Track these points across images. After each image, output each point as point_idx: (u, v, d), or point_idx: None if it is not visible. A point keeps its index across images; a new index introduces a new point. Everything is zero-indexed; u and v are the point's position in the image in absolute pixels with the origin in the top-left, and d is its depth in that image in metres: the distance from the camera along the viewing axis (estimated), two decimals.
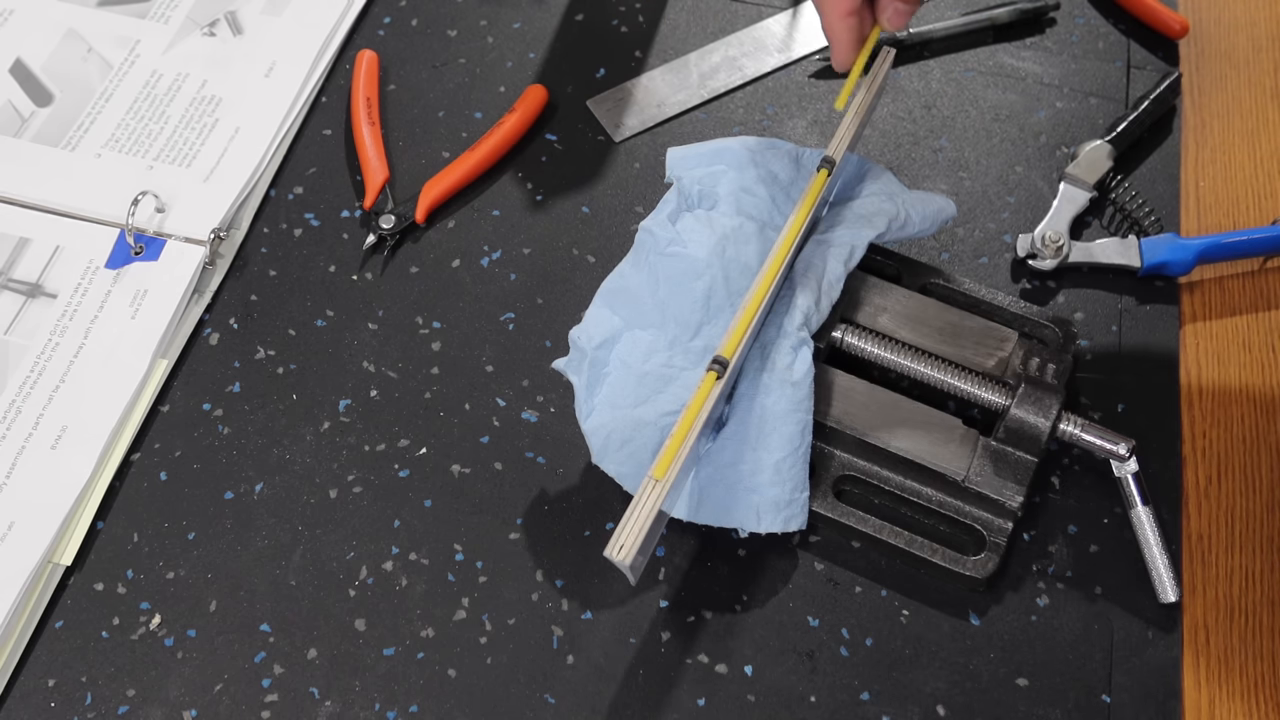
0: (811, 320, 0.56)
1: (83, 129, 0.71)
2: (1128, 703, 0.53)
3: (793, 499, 0.54)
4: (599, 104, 0.72)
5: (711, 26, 0.75)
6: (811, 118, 0.71)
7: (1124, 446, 0.55)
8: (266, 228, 0.68)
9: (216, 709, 0.54)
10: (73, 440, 0.60)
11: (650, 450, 0.54)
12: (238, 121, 0.71)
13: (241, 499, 0.59)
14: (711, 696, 0.54)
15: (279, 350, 0.63)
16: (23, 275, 0.66)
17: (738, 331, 0.53)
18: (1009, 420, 0.55)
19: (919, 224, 0.60)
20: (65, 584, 0.57)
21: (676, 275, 0.56)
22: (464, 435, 0.61)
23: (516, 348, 0.63)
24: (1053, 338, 0.60)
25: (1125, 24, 0.74)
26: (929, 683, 0.54)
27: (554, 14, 0.76)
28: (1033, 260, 0.64)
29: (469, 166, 0.68)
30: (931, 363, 0.57)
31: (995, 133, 0.70)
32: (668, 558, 0.57)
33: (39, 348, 0.63)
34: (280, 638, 0.55)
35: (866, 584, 0.56)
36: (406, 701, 0.54)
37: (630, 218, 0.67)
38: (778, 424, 0.54)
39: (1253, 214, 0.67)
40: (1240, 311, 0.64)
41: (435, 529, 0.58)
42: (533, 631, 0.55)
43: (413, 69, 0.74)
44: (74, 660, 0.55)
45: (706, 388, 0.51)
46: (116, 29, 0.75)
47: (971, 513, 0.56)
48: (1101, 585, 0.56)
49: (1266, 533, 0.58)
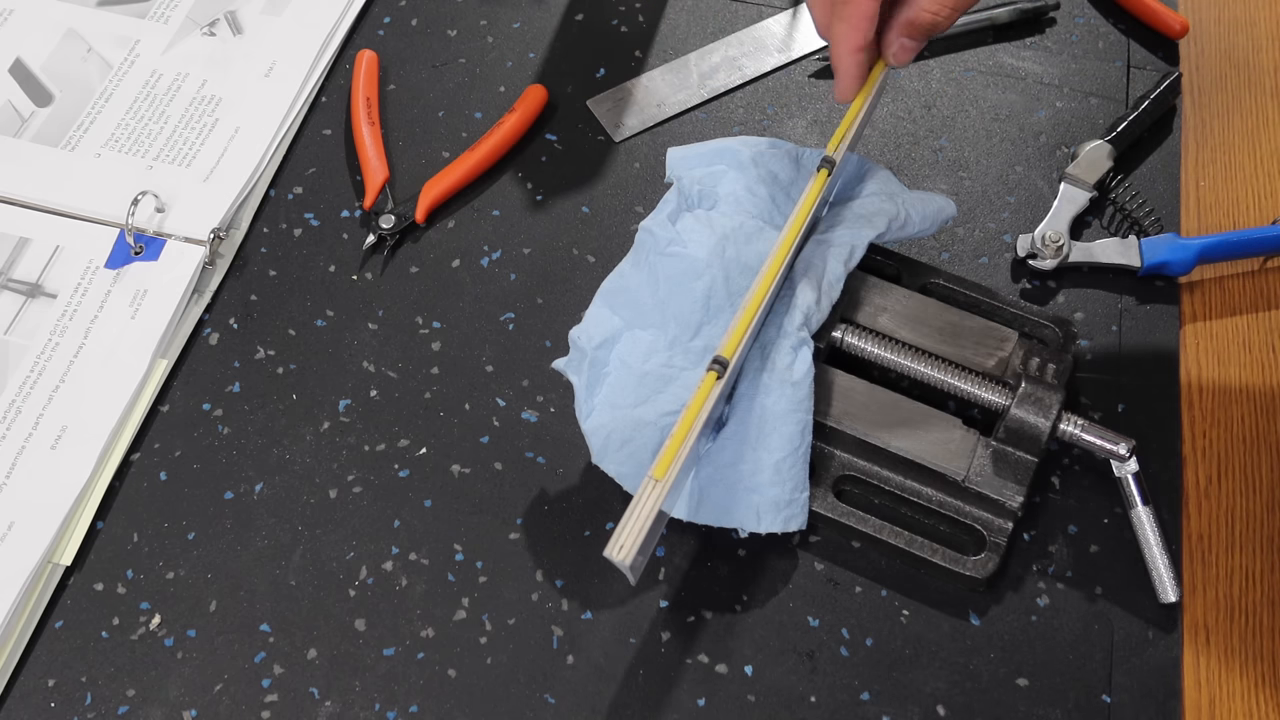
0: (811, 320, 0.56)
1: (82, 129, 0.71)
2: (1128, 703, 0.53)
3: (793, 499, 0.54)
4: (599, 104, 0.72)
5: (711, 26, 0.75)
6: (811, 118, 0.71)
7: (1124, 446, 0.55)
8: (266, 228, 0.68)
9: (216, 709, 0.54)
10: (73, 440, 0.60)
11: (650, 450, 0.54)
12: (238, 121, 0.71)
13: (241, 499, 0.59)
14: (711, 696, 0.54)
15: (279, 350, 0.63)
16: (23, 275, 0.66)
17: (738, 331, 0.53)
18: (1009, 420, 0.55)
19: (919, 224, 0.60)
20: (65, 584, 0.57)
21: (676, 275, 0.56)
22: (464, 435, 0.61)
23: (516, 348, 0.63)
24: (1053, 338, 0.60)
25: (1125, 24, 0.74)
26: (929, 683, 0.54)
27: (554, 14, 0.76)
28: (1033, 260, 0.64)
29: (469, 166, 0.68)
30: (931, 363, 0.57)
31: (995, 133, 0.70)
32: (668, 558, 0.57)
33: (39, 348, 0.63)
34: (280, 638, 0.55)
35: (866, 584, 0.56)
36: (406, 701, 0.54)
37: (630, 218, 0.67)
38: (778, 424, 0.54)
39: (1253, 214, 0.67)
40: (1240, 311, 0.64)
41: (435, 529, 0.58)
42: (533, 631, 0.55)
43: (413, 69, 0.74)
44: (74, 660, 0.55)
45: (706, 388, 0.51)
46: (116, 29, 0.75)
47: (971, 513, 0.56)
48: (1101, 585, 0.56)
49: (1266, 533, 0.58)
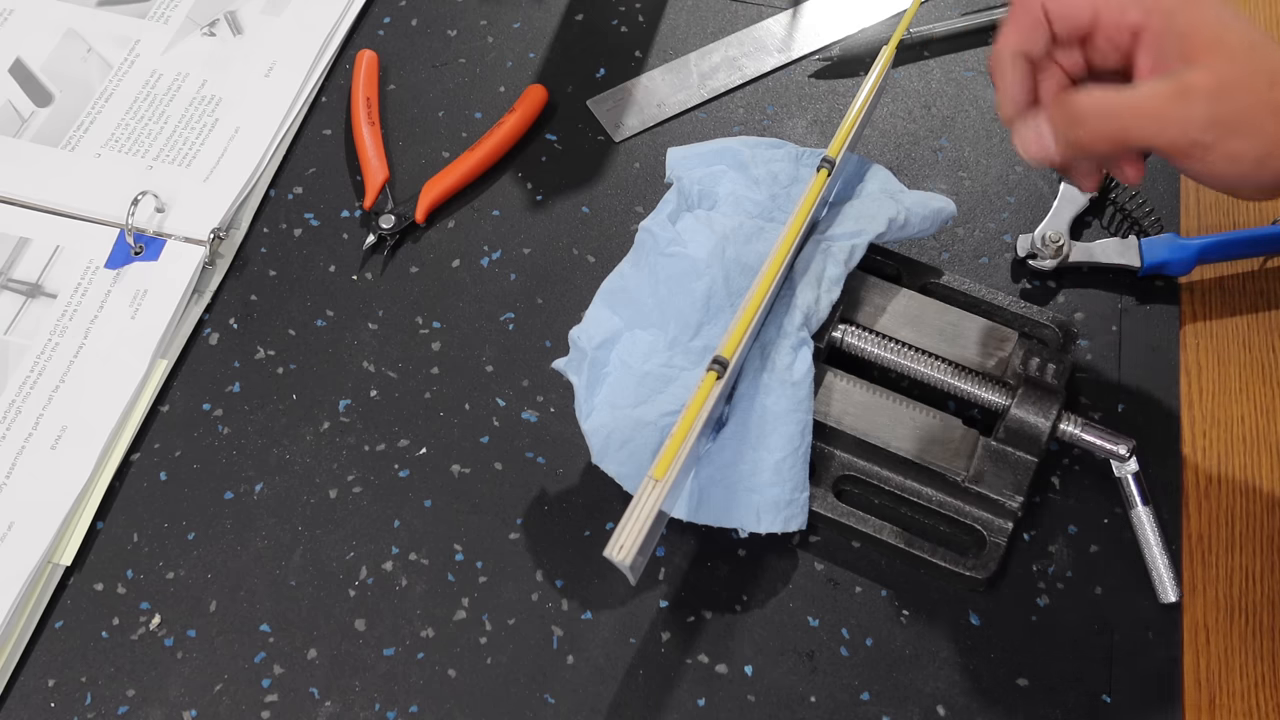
0: (811, 320, 0.56)
1: (82, 129, 0.71)
2: (1128, 703, 0.53)
3: (793, 499, 0.54)
4: (599, 104, 0.72)
5: (711, 26, 0.75)
6: (811, 118, 0.71)
7: (1124, 446, 0.55)
8: (266, 228, 0.68)
9: (216, 709, 0.54)
10: (73, 440, 0.60)
11: (650, 450, 0.54)
12: (237, 121, 0.71)
13: (241, 499, 0.59)
14: (711, 696, 0.54)
15: (279, 350, 0.63)
16: (23, 275, 0.66)
17: (738, 331, 0.53)
18: (1009, 420, 0.55)
19: (919, 224, 0.60)
20: (65, 584, 0.57)
21: (676, 275, 0.56)
22: (464, 435, 0.61)
23: (516, 348, 0.63)
24: (1053, 338, 0.60)
25: None
26: (929, 683, 0.54)
27: (554, 14, 0.76)
28: (1033, 260, 0.64)
29: (469, 166, 0.68)
30: (931, 363, 0.57)
31: (995, 133, 0.70)
32: (668, 558, 0.57)
33: (39, 348, 0.63)
34: (280, 638, 0.55)
35: (866, 584, 0.56)
36: (406, 701, 0.54)
37: (630, 218, 0.67)
38: (778, 424, 0.54)
39: (1253, 214, 0.67)
40: (1240, 311, 0.64)
41: (435, 529, 0.58)
42: (533, 631, 0.55)
43: (413, 69, 0.74)
44: (74, 660, 0.55)
45: (706, 388, 0.51)
46: (116, 29, 0.75)
47: (971, 513, 0.56)
48: (1101, 585, 0.56)
49: (1266, 533, 0.58)
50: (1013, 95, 0.49)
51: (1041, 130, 0.47)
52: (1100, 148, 0.46)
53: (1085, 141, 0.46)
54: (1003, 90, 0.49)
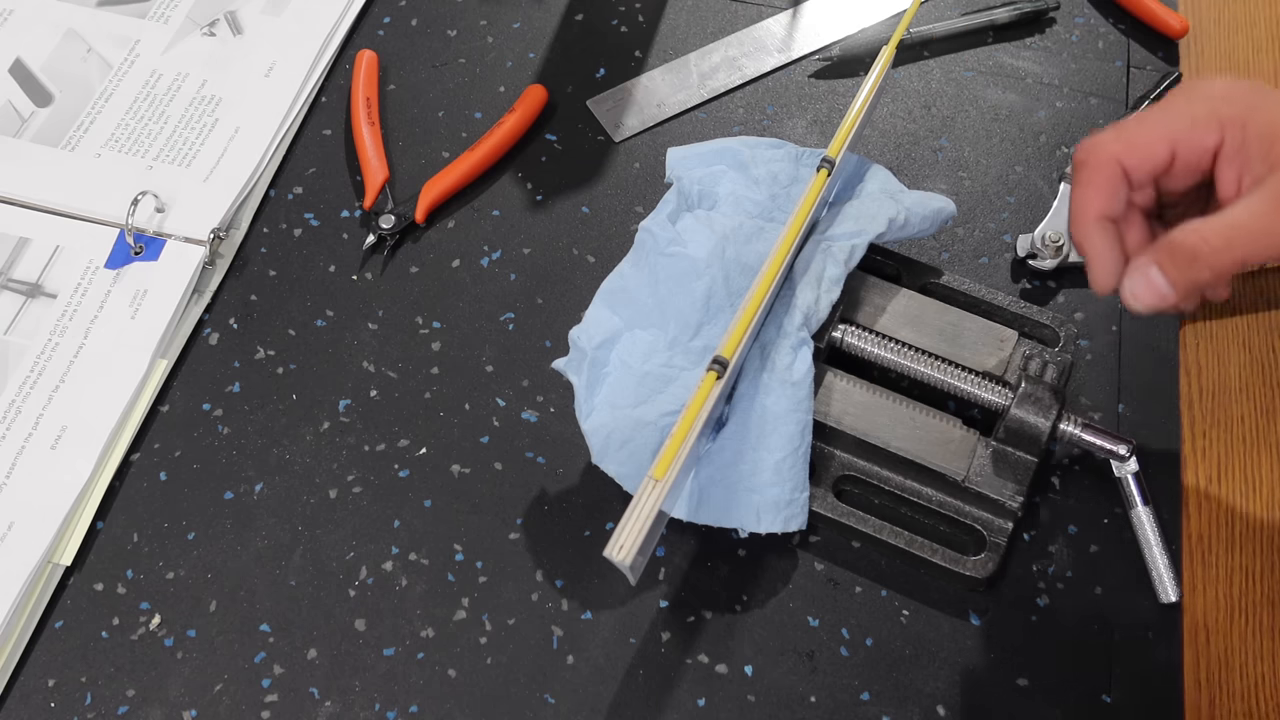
0: (811, 320, 0.56)
1: (82, 129, 0.71)
2: (1128, 703, 0.53)
3: (793, 499, 0.54)
4: (599, 104, 0.72)
5: (711, 26, 0.75)
6: (811, 118, 0.71)
7: (1124, 447, 0.55)
8: (266, 228, 0.68)
9: (216, 709, 0.54)
10: (72, 440, 0.60)
11: (650, 450, 0.54)
12: (237, 121, 0.71)
13: (241, 499, 0.59)
14: (711, 696, 0.54)
15: (279, 350, 0.63)
16: (23, 275, 0.66)
17: (738, 331, 0.53)
18: (1009, 420, 0.55)
19: (919, 224, 0.60)
20: (65, 584, 0.57)
21: (676, 275, 0.56)
22: (464, 435, 0.61)
23: (516, 348, 0.63)
24: (1053, 338, 0.60)
25: (1125, 24, 0.74)
26: (929, 683, 0.54)
27: (554, 14, 0.76)
28: (1033, 260, 0.64)
29: (469, 166, 0.68)
30: (931, 363, 0.57)
31: (995, 133, 0.70)
32: (668, 558, 0.57)
33: (39, 348, 0.63)
34: (280, 638, 0.55)
35: (866, 584, 0.56)
36: (406, 701, 0.54)
37: (630, 218, 0.67)
38: (778, 424, 0.54)
39: None
40: (1240, 311, 0.64)
41: (435, 529, 0.58)
42: (533, 631, 0.55)
43: (413, 69, 0.74)
44: (74, 660, 0.55)
45: (706, 388, 0.51)
46: (116, 29, 0.75)
47: (971, 513, 0.56)
48: (1101, 585, 0.56)
49: (1266, 533, 0.58)
50: (1109, 266, 0.47)
51: (1152, 278, 0.45)
52: (1222, 279, 0.45)
53: (1207, 279, 0.44)
54: (1097, 261, 0.47)
